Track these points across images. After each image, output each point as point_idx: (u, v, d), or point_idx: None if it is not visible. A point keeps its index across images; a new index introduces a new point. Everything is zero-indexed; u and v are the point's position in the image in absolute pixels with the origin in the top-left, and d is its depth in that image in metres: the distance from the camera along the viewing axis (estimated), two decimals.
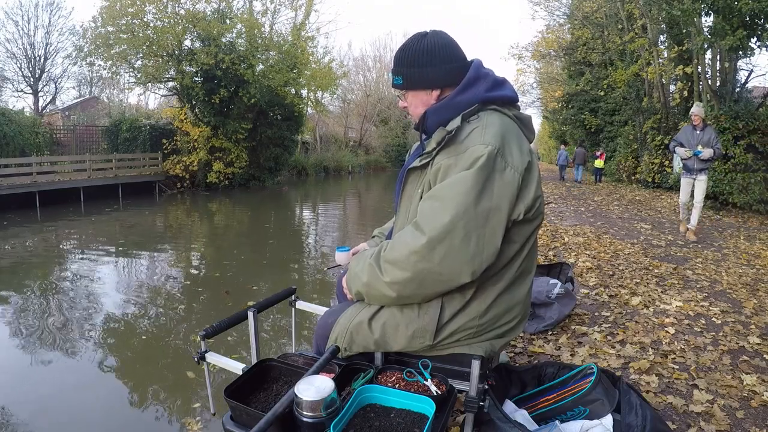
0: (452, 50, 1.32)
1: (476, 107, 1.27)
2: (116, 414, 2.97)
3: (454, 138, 1.23)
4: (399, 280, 1.19)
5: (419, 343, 1.32)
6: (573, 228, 7.29)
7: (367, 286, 1.26)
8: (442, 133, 1.24)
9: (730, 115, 9.53)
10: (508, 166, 1.18)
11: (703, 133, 5.76)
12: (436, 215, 1.14)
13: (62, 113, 24.56)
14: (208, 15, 16.82)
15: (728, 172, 9.36)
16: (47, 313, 4.83)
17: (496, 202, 1.16)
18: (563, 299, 3.07)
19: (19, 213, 11.82)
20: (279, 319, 4.37)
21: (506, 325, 1.36)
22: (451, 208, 1.13)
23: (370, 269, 1.25)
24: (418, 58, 1.31)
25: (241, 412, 1.22)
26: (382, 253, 1.23)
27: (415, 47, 1.32)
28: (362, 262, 1.30)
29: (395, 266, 1.18)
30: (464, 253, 1.13)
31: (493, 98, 1.31)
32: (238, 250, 8.05)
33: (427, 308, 1.29)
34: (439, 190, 1.18)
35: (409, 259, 1.15)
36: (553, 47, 24.68)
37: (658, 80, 14.43)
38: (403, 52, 1.34)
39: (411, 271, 1.16)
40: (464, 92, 1.30)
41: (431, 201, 1.18)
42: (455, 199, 1.13)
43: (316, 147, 31.81)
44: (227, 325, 1.56)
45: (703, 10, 8.74)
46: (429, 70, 1.31)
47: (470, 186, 1.13)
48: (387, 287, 1.21)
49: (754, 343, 2.82)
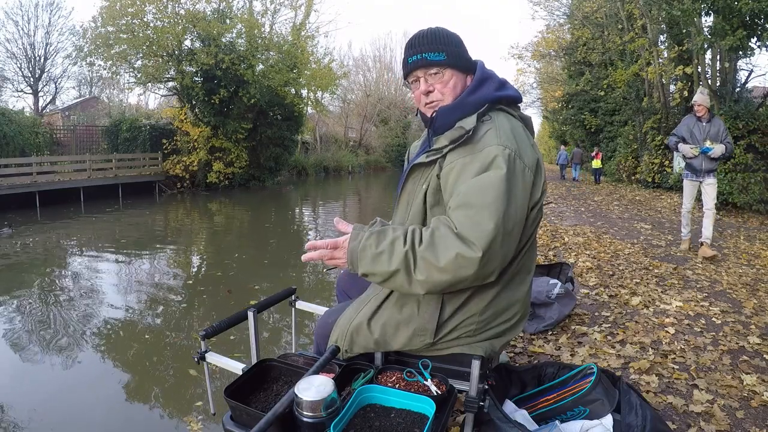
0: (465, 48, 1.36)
1: (487, 107, 1.29)
2: (117, 413, 2.97)
3: (471, 137, 1.23)
4: (435, 281, 1.14)
5: (420, 341, 1.32)
6: (573, 228, 7.29)
7: (393, 274, 1.15)
8: (460, 132, 1.24)
9: (730, 115, 9.52)
10: (526, 167, 1.21)
11: (710, 125, 4.75)
12: (480, 226, 1.11)
13: (62, 113, 24.56)
14: (208, 15, 16.83)
15: (728, 172, 9.35)
16: (48, 312, 4.83)
17: (521, 203, 1.18)
18: (563, 299, 3.07)
19: (19, 213, 11.83)
20: (279, 319, 4.37)
21: (506, 323, 1.35)
22: (492, 214, 1.12)
23: (404, 259, 1.13)
24: (457, 39, 1.32)
25: (241, 412, 1.22)
26: (418, 248, 1.14)
27: (447, 31, 1.32)
28: (389, 246, 1.16)
29: (436, 269, 1.12)
30: (500, 255, 1.14)
31: (501, 98, 1.32)
32: (239, 249, 8.05)
33: (427, 306, 1.29)
34: (472, 197, 1.15)
35: (453, 265, 1.11)
36: (553, 47, 24.69)
37: (658, 80, 14.43)
38: (438, 31, 1.32)
39: (452, 275, 1.12)
40: (475, 92, 1.31)
41: (467, 210, 1.14)
42: (492, 206, 1.12)
43: (316, 147, 31.81)
44: (227, 325, 1.56)
45: (703, 10, 8.73)
46: (466, 53, 1.34)
47: (503, 191, 1.14)
48: (418, 284, 1.15)
49: (754, 343, 2.82)
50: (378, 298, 1.38)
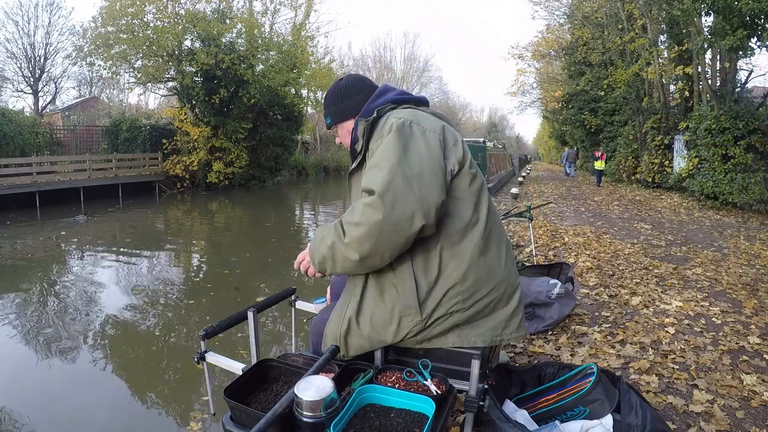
0: (363, 82, 1.60)
1: (389, 105, 1.45)
2: (117, 413, 2.97)
3: (375, 127, 1.38)
4: (357, 237, 1.23)
5: (410, 323, 1.31)
6: (573, 228, 7.29)
7: (332, 248, 1.29)
8: (363, 125, 1.40)
9: (730, 115, 9.53)
10: (425, 129, 1.33)
11: None
12: (376, 175, 1.25)
13: (62, 113, 24.55)
14: (208, 15, 16.83)
15: (728, 172, 9.36)
16: (49, 312, 4.83)
17: (424, 154, 1.28)
18: (563, 299, 3.07)
19: (19, 213, 11.82)
20: (279, 319, 4.37)
21: (493, 294, 1.34)
22: (385, 164, 1.25)
23: (335, 231, 1.29)
24: (336, 97, 1.60)
25: (241, 413, 1.22)
26: (344, 217, 1.30)
27: (333, 90, 1.61)
28: (327, 227, 1.36)
29: (354, 225, 1.24)
30: (410, 196, 1.21)
31: (405, 100, 1.50)
32: (243, 249, 8.07)
33: (402, 284, 1.31)
34: (373, 159, 1.31)
35: (364, 215, 1.22)
36: (553, 47, 24.71)
37: (658, 80, 14.44)
38: (325, 97, 1.64)
39: (367, 225, 1.21)
40: (376, 100, 1.51)
41: (368, 170, 1.31)
42: (386, 157, 1.26)
43: (316, 147, 31.81)
44: (227, 325, 1.56)
45: (703, 10, 8.75)
46: (347, 102, 1.58)
47: (395, 144, 1.27)
48: (349, 249, 1.26)
49: (754, 343, 2.82)
50: (356, 294, 1.39)
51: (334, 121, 1.63)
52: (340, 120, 1.62)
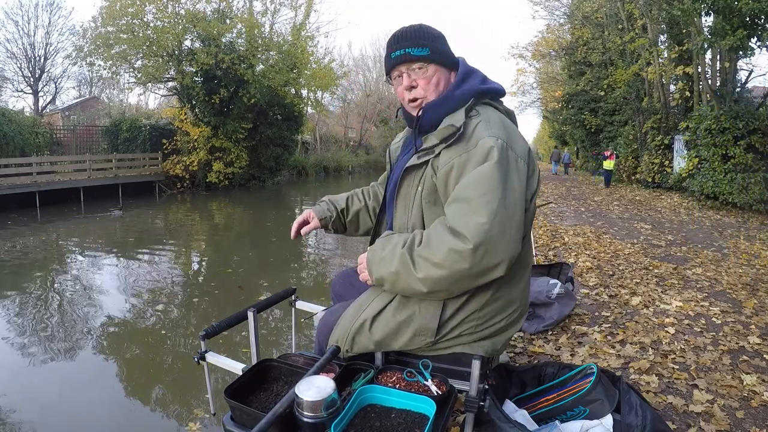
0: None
1: (472, 101, 1.29)
2: (117, 412, 2.97)
3: (462, 134, 1.23)
4: (434, 278, 1.16)
5: (421, 341, 1.31)
6: (573, 228, 7.29)
7: (396, 275, 1.21)
8: (450, 130, 1.23)
9: (730, 115, 9.52)
10: (518, 157, 1.21)
11: None
12: (471, 218, 1.12)
13: (62, 113, 24.54)
14: (208, 15, 16.82)
15: (728, 172, 9.36)
16: (49, 312, 4.83)
17: (518, 191, 1.17)
18: (563, 299, 3.07)
19: (19, 213, 11.81)
20: (279, 319, 4.37)
21: (505, 320, 1.34)
22: (484, 208, 1.12)
23: (401, 259, 1.19)
24: (440, 36, 1.33)
25: (241, 413, 1.22)
26: (416, 248, 1.19)
27: (431, 27, 1.33)
28: (391, 249, 1.23)
29: (432, 264, 1.15)
30: (501, 245, 1.12)
31: (486, 90, 1.32)
32: (245, 248, 8.07)
33: (429, 306, 1.28)
34: (465, 191, 1.16)
35: (448, 259, 1.13)
36: (553, 47, 24.70)
37: (658, 80, 14.43)
38: (422, 27, 1.33)
39: (449, 271, 1.14)
40: (460, 86, 1.31)
41: (459, 204, 1.16)
42: (485, 197, 1.13)
43: (316, 147, 31.81)
44: (227, 325, 1.56)
45: (703, 10, 8.74)
46: (449, 49, 1.34)
47: (496, 183, 1.14)
48: (419, 282, 1.18)
49: (754, 343, 2.82)
50: (380, 300, 1.36)
51: (435, 57, 1.30)
52: (443, 61, 1.31)
